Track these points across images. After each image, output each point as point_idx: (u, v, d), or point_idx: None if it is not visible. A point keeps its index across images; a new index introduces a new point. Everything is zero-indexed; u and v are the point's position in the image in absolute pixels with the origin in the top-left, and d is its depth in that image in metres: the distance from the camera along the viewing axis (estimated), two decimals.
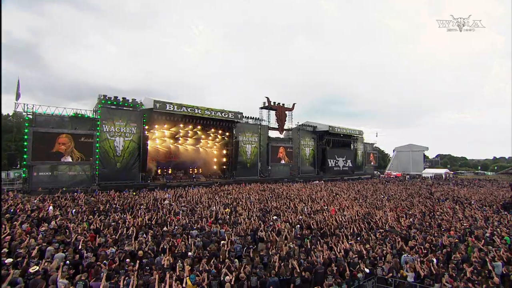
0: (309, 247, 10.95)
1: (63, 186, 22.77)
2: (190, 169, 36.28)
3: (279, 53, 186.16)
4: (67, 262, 8.65)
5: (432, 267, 8.81)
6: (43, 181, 23.25)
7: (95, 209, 15.96)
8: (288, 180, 38.66)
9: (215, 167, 38.88)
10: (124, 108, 27.41)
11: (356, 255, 9.71)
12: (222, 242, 10.89)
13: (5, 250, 9.11)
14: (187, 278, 7.71)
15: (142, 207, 17.02)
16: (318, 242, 11.23)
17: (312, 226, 13.50)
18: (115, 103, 26.70)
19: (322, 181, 39.24)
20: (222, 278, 7.82)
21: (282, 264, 8.84)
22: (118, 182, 25.96)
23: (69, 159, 23.99)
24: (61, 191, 20.06)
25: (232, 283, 7.63)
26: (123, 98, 27.32)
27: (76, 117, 25.18)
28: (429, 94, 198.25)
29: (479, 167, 75.70)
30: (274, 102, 40.26)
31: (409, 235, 12.48)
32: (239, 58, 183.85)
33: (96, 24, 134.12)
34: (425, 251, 10.46)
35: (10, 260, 8.21)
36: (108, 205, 16.98)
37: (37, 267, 8.05)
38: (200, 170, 37.21)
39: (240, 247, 10.71)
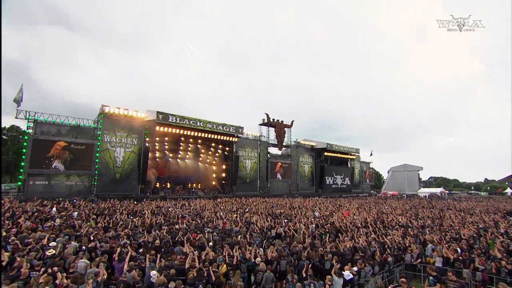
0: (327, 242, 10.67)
1: (59, 196, 21.95)
2: (189, 184, 35.61)
3: (271, 77, 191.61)
4: (83, 247, 8.25)
5: (458, 255, 8.68)
6: (39, 190, 22.37)
7: (98, 212, 15.35)
8: (288, 196, 38.23)
9: (214, 182, 38.30)
10: (126, 118, 27.18)
11: (379, 245, 9.51)
12: (239, 236, 10.53)
13: (16, 240, 8.59)
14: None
15: (147, 211, 16.46)
16: (337, 238, 10.97)
17: (327, 225, 13.23)
18: (117, 113, 26.53)
19: (322, 198, 38.91)
20: (253, 260, 7.49)
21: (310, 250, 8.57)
22: (116, 193, 25.13)
23: (60, 165, 23.22)
24: (57, 200, 19.31)
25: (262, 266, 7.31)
26: (125, 109, 27.22)
27: (78, 126, 24.83)
28: (419, 119, 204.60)
29: (472, 188, 76.66)
30: (273, 119, 40.73)
31: (425, 233, 12.34)
32: (232, 81, 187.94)
33: (88, 45, 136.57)
34: (446, 244, 10.34)
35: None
36: (112, 209, 16.39)
37: (54, 251, 7.68)
38: (199, 185, 36.56)
39: (260, 240, 10.36)
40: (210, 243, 9.36)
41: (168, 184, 33.69)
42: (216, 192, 35.97)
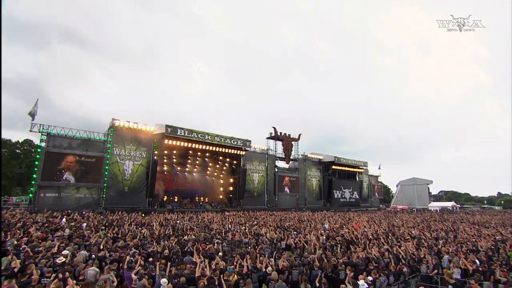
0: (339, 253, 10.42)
1: (68, 208, 22.08)
2: (197, 197, 35.51)
3: (277, 91, 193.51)
4: (93, 256, 8.24)
5: (476, 266, 8.37)
6: (49, 202, 22.57)
7: (107, 224, 15.36)
8: (296, 210, 37.71)
9: (221, 196, 38.12)
10: (136, 132, 27.59)
11: (392, 256, 9.24)
12: (249, 247, 10.37)
13: (27, 248, 8.63)
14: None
15: (155, 223, 16.40)
16: (349, 250, 10.71)
17: (338, 237, 12.95)
18: (127, 126, 26.99)
19: (331, 212, 38.27)
20: (264, 270, 7.34)
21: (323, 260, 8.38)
22: (124, 206, 25.16)
23: (71, 177, 23.47)
24: (66, 212, 19.45)
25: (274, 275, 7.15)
26: (134, 122, 27.68)
27: (89, 139, 25.27)
28: (426, 132, 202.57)
29: (485, 202, 74.47)
30: (281, 133, 40.80)
31: (439, 244, 11.96)
32: (238, 96, 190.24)
33: (100, 63, 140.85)
34: (463, 255, 9.98)
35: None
36: (120, 221, 16.39)
37: (64, 259, 7.68)
38: (207, 198, 36.42)
39: (270, 252, 10.17)
40: (220, 253, 9.23)
41: (176, 197, 33.64)
42: (223, 205, 35.73)
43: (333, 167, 47.20)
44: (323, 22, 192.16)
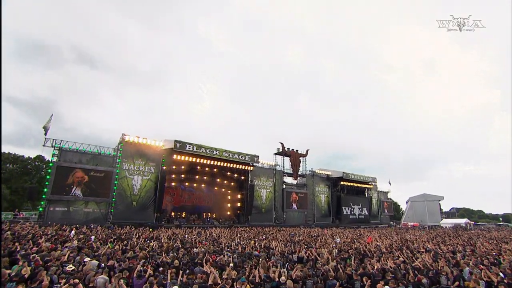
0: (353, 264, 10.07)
1: (77, 223, 22.04)
2: (204, 213, 35.16)
3: (284, 109, 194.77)
4: (102, 265, 8.15)
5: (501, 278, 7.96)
6: (58, 217, 22.59)
7: (115, 237, 15.23)
8: (304, 226, 36.94)
9: (228, 212, 37.68)
10: (145, 147, 27.87)
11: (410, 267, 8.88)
12: (260, 259, 10.12)
13: (37, 257, 8.59)
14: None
15: (163, 237, 16.20)
16: (363, 262, 10.34)
17: (351, 250, 12.57)
18: (136, 141, 27.32)
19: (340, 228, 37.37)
20: (277, 280, 7.12)
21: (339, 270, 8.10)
22: (132, 221, 24.96)
23: (79, 193, 23.58)
24: (75, 226, 19.42)
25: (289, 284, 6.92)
26: (144, 138, 28.03)
27: (99, 154, 25.59)
28: (435, 149, 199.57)
29: (501, 219, 71.79)
30: (288, 148, 40.70)
31: (456, 258, 11.49)
32: (245, 114, 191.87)
33: (110, 83, 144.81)
34: (484, 267, 9.54)
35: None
36: (128, 234, 16.26)
37: (74, 267, 7.62)
38: (214, 214, 36.03)
39: (282, 264, 9.89)
40: (231, 264, 9.02)
41: (183, 213, 33.37)
42: (231, 222, 35.23)
43: (342, 183, 46.56)
44: (327, 41, 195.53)
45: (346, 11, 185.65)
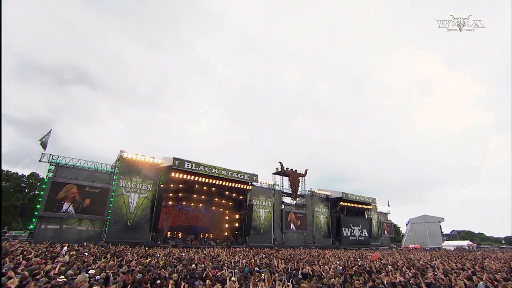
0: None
1: (69, 242, 21.17)
2: (201, 234, 34.14)
3: (282, 130, 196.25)
4: (97, 277, 7.66)
5: None
6: (49, 235, 21.70)
7: (108, 254, 14.54)
8: (304, 247, 35.88)
9: (226, 232, 36.63)
10: (143, 164, 27.48)
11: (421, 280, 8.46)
12: (263, 275, 9.61)
13: (25, 271, 8.10)
14: None
15: (159, 254, 15.53)
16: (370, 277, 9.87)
17: (356, 266, 12.05)
18: (134, 159, 26.96)
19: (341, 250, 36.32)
20: None
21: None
22: (126, 240, 24.03)
23: (71, 209, 22.81)
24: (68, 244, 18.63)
25: None
26: (142, 155, 27.71)
27: (96, 170, 25.13)
28: (432, 170, 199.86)
29: (503, 242, 70.35)
30: (287, 168, 40.36)
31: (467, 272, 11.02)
32: (243, 135, 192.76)
33: (109, 102, 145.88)
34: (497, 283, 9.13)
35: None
36: (123, 251, 15.57)
37: (65, 279, 7.17)
38: (211, 235, 34.98)
39: (286, 279, 9.40)
40: (233, 278, 8.53)
41: (180, 233, 32.37)
42: (229, 242, 34.16)
43: (341, 203, 45.89)
44: (324, 64, 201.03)
45: (343, 34, 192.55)
